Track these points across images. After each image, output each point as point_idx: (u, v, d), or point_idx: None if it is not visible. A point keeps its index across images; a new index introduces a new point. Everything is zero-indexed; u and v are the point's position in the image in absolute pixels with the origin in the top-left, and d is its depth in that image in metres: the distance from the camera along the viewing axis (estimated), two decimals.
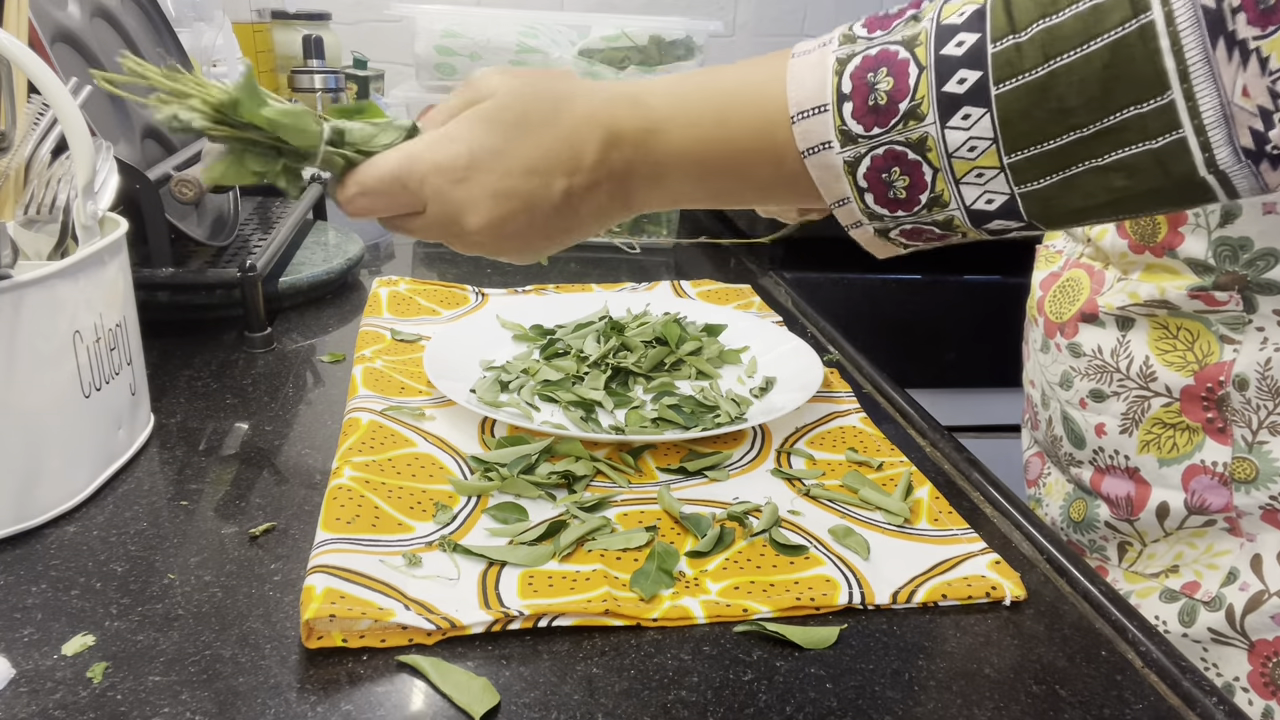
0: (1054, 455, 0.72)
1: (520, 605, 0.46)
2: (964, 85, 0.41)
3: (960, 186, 0.43)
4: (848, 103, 0.43)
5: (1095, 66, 0.38)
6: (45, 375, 0.51)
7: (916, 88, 0.42)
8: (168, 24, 0.98)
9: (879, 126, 0.43)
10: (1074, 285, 0.68)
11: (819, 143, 0.44)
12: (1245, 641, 0.58)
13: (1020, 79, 0.40)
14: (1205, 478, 0.59)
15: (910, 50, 0.42)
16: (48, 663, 0.42)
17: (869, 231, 0.46)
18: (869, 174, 0.44)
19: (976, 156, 0.41)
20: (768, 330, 0.82)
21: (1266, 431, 0.57)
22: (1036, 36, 0.39)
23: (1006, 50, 0.40)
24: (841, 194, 0.45)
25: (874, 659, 0.45)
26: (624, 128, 0.47)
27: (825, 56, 0.44)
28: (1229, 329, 0.58)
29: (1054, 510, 0.72)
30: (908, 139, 0.43)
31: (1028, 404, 0.77)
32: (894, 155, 0.43)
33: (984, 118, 0.41)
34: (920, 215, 0.44)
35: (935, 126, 0.42)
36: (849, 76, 0.43)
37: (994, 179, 0.42)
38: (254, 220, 0.99)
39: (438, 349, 0.72)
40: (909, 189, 0.44)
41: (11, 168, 0.60)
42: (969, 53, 0.40)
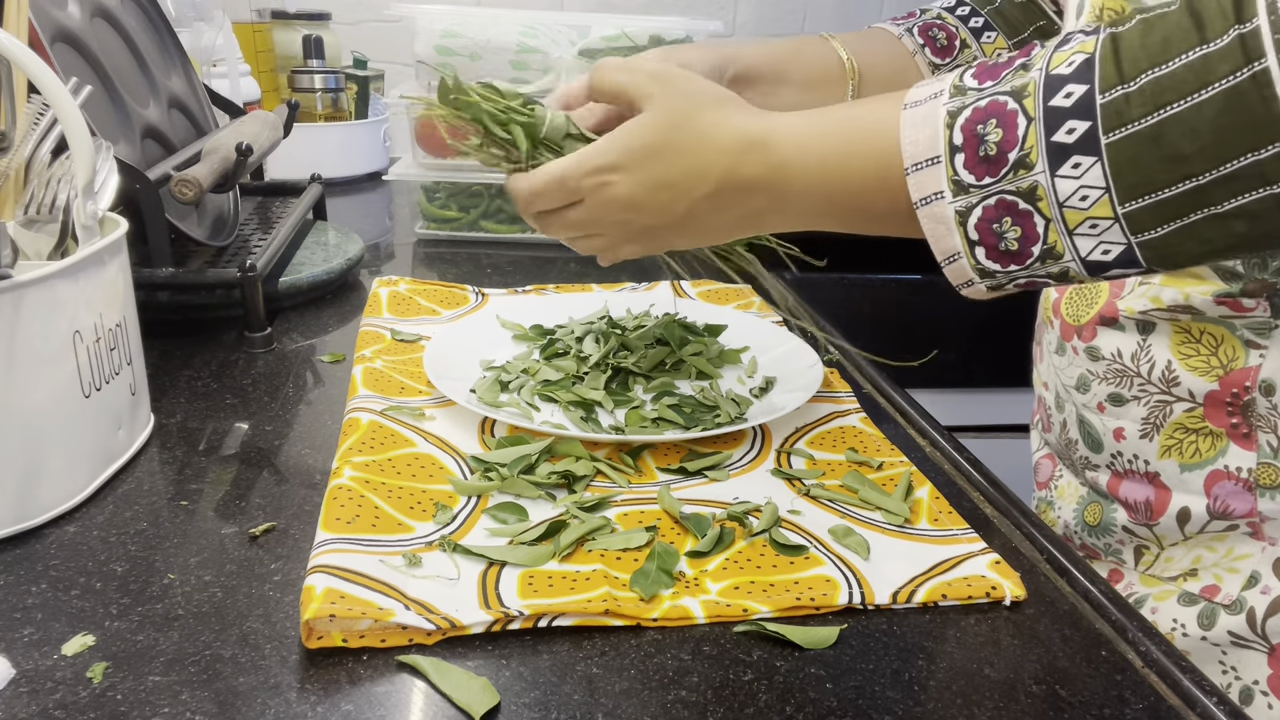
0: (1068, 458, 0.72)
1: (520, 605, 0.46)
2: (1073, 135, 0.41)
3: (1074, 238, 0.43)
4: (959, 154, 0.44)
5: (1207, 115, 0.38)
6: (45, 375, 0.51)
7: (1025, 138, 0.42)
8: (168, 24, 0.98)
9: (990, 176, 0.44)
10: (1093, 288, 0.66)
11: (932, 193, 0.45)
12: (1266, 645, 0.58)
13: (1130, 128, 0.40)
14: (1229, 483, 0.59)
15: (1019, 101, 0.43)
16: (48, 663, 0.42)
17: (982, 290, 0.47)
18: (980, 224, 0.45)
19: (1089, 206, 0.42)
20: (768, 330, 0.82)
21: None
22: (1146, 86, 0.39)
23: (1115, 100, 0.40)
24: (953, 249, 0.46)
25: (874, 659, 0.45)
26: (749, 169, 0.51)
27: (936, 109, 0.45)
28: (1255, 334, 0.57)
29: (1067, 513, 0.72)
30: (1018, 188, 0.43)
31: (1039, 406, 0.76)
32: (1005, 205, 0.44)
33: (1094, 166, 0.41)
34: (1034, 269, 0.45)
35: (1045, 175, 0.42)
36: (959, 129, 0.44)
37: (1109, 229, 0.42)
38: (254, 220, 0.99)
39: (438, 349, 0.72)
40: (1021, 240, 0.44)
41: (11, 168, 0.60)
42: (1077, 103, 0.41)
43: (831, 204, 0.51)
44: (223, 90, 1.20)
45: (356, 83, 1.48)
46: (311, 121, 1.43)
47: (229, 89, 1.26)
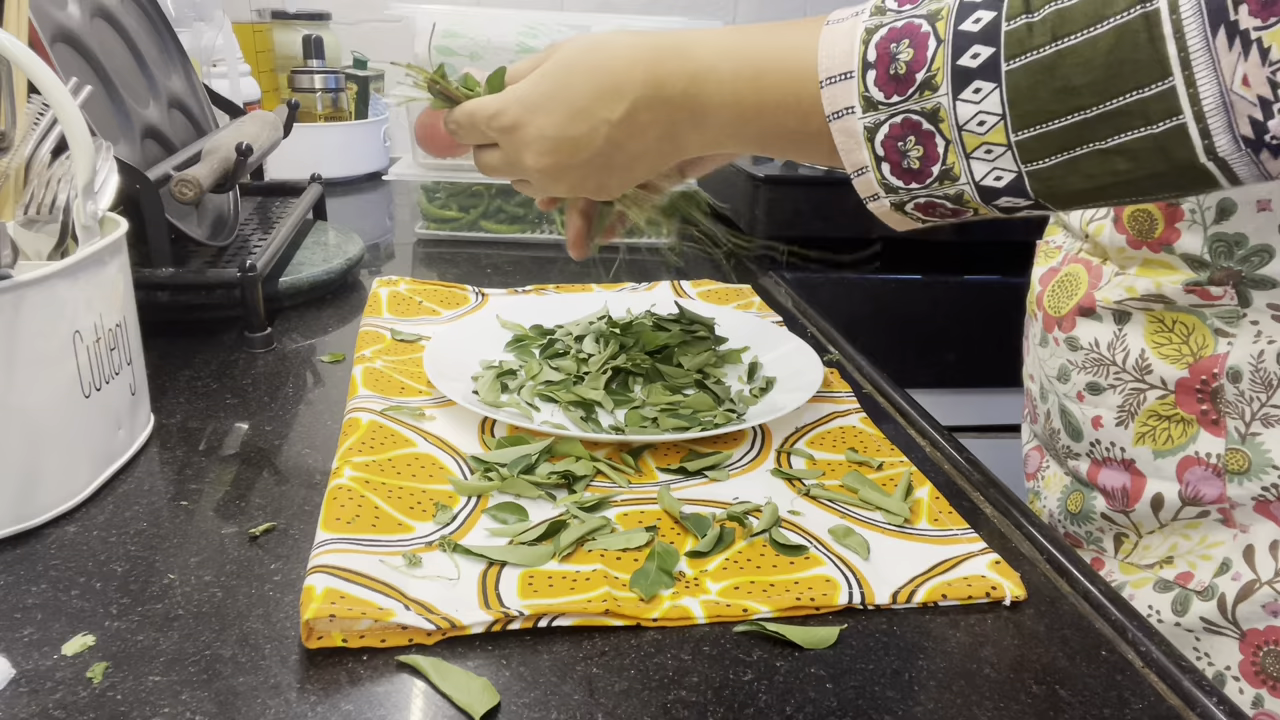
0: (1052, 448, 0.73)
1: (520, 605, 0.46)
2: (977, 60, 0.43)
3: (970, 161, 0.44)
4: (871, 70, 0.46)
5: (1100, 49, 0.39)
6: (45, 375, 0.51)
7: (933, 60, 0.44)
8: (168, 24, 0.98)
9: (898, 95, 0.45)
10: (1072, 280, 0.68)
11: (843, 107, 0.47)
12: (1236, 631, 0.58)
13: (1029, 56, 0.41)
14: (1199, 469, 0.60)
15: (932, 24, 0.44)
16: (48, 663, 0.42)
17: (885, 205, 0.48)
18: (886, 141, 0.46)
19: (986, 131, 0.43)
20: (768, 330, 0.82)
21: (1259, 423, 0.57)
22: (1048, 17, 0.41)
23: (1018, 29, 0.41)
24: (860, 162, 0.47)
25: (874, 659, 0.45)
26: (668, 75, 0.52)
27: (855, 26, 0.47)
28: (1223, 322, 0.58)
29: (1051, 503, 0.73)
30: (923, 109, 0.45)
31: (1027, 398, 0.77)
32: (910, 124, 0.45)
33: (994, 93, 0.42)
34: (933, 188, 0.46)
35: (948, 98, 0.44)
36: (874, 46, 0.46)
37: (1002, 156, 0.43)
38: (254, 220, 0.99)
39: (438, 349, 0.72)
40: (922, 159, 0.46)
41: (11, 168, 0.60)
42: (984, 29, 0.42)
43: (745, 119, 0.51)
44: (223, 90, 1.20)
45: (356, 83, 1.48)
46: (311, 121, 1.43)
47: (229, 89, 1.26)
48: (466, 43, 1.10)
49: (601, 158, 0.55)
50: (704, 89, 0.51)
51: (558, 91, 0.54)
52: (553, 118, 0.54)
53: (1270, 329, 0.57)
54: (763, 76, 0.50)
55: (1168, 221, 0.59)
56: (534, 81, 0.55)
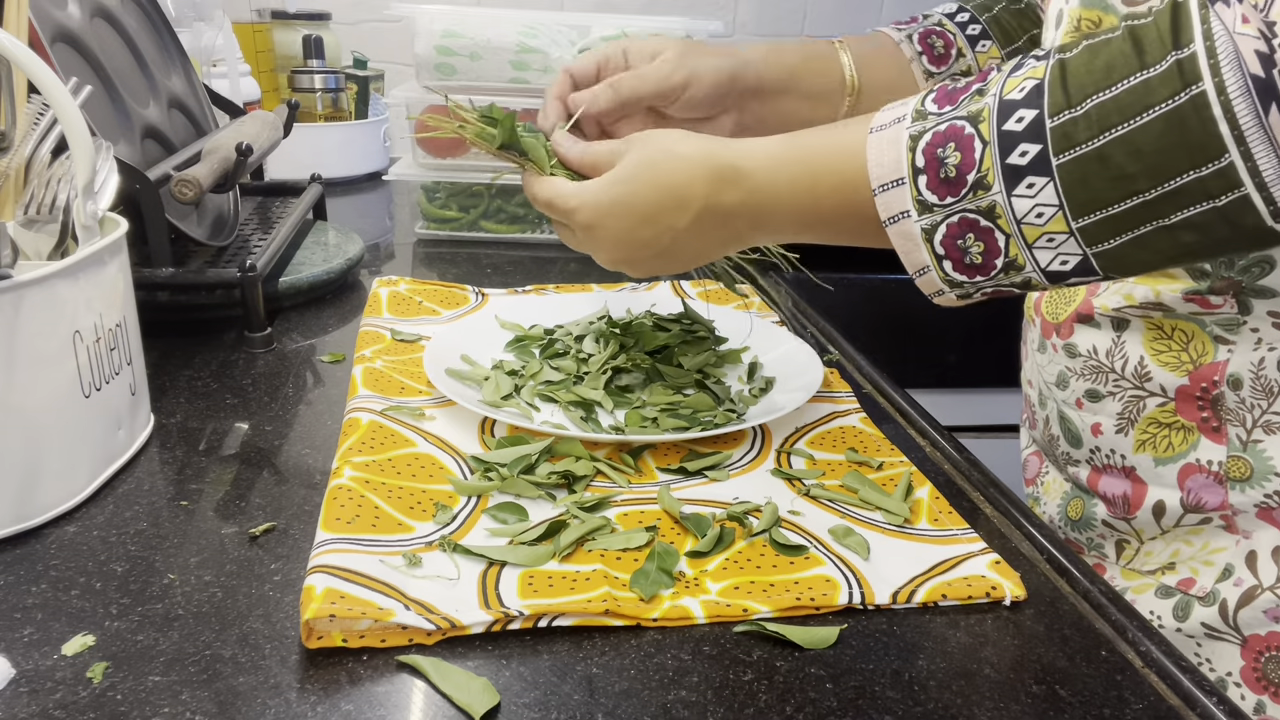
0: (1051, 454, 0.73)
1: (520, 605, 0.46)
2: (1026, 157, 0.44)
3: (1034, 251, 0.46)
4: (922, 176, 0.47)
5: (1151, 136, 0.41)
6: (45, 375, 0.51)
7: (982, 160, 0.45)
8: (168, 24, 0.98)
9: (951, 196, 0.47)
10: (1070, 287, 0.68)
11: (898, 212, 0.49)
12: (1238, 636, 0.58)
13: (1078, 150, 0.43)
14: (1201, 476, 0.60)
15: (975, 126, 0.46)
16: (48, 663, 0.42)
17: (951, 297, 0.50)
18: (945, 240, 0.48)
19: (1045, 222, 0.44)
20: (768, 330, 0.82)
21: (1261, 430, 0.57)
22: (1091, 111, 0.42)
23: (1064, 124, 0.43)
24: (921, 262, 0.49)
25: (874, 659, 0.45)
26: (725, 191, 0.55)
27: (900, 134, 0.48)
28: (1223, 330, 0.58)
29: (1051, 509, 0.73)
30: (978, 207, 0.46)
31: (1025, 403, 0.77)
32: (967, 222, 0.47)
33: (1047, 185, 0.44)
34: (998, 279, 0.48)
35: (1002, 195, 0.45)
36: (921, 152, 0.47)
37: (1065, 242, 0.45)
38: (254, 220, 0.99)
39: (438, 349, 0.72)
40: (984, 254, 0.47)
41: (11, 168, 0.60)
42: (1029, 127, 0.44)
43: (805, 223, 0.54)
44: (223, 90, 1.20)
45: (356, 83, 1.48)
46: (311, 121, 1.43)
47: (229, 89, 1.26)
48: (466, 43, 1.10)
49: (668, 253, 0.58)
50: (761, 201, 0.54)
51: (626, 199, 0.57)
52: (623, 223, 0.58)
53: (1271, 336, 0.56)
54: (817, 186, 0.52)
55: None
56: (605, 186, 0.58)
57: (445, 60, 1.10)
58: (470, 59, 1.10)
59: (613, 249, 0.60)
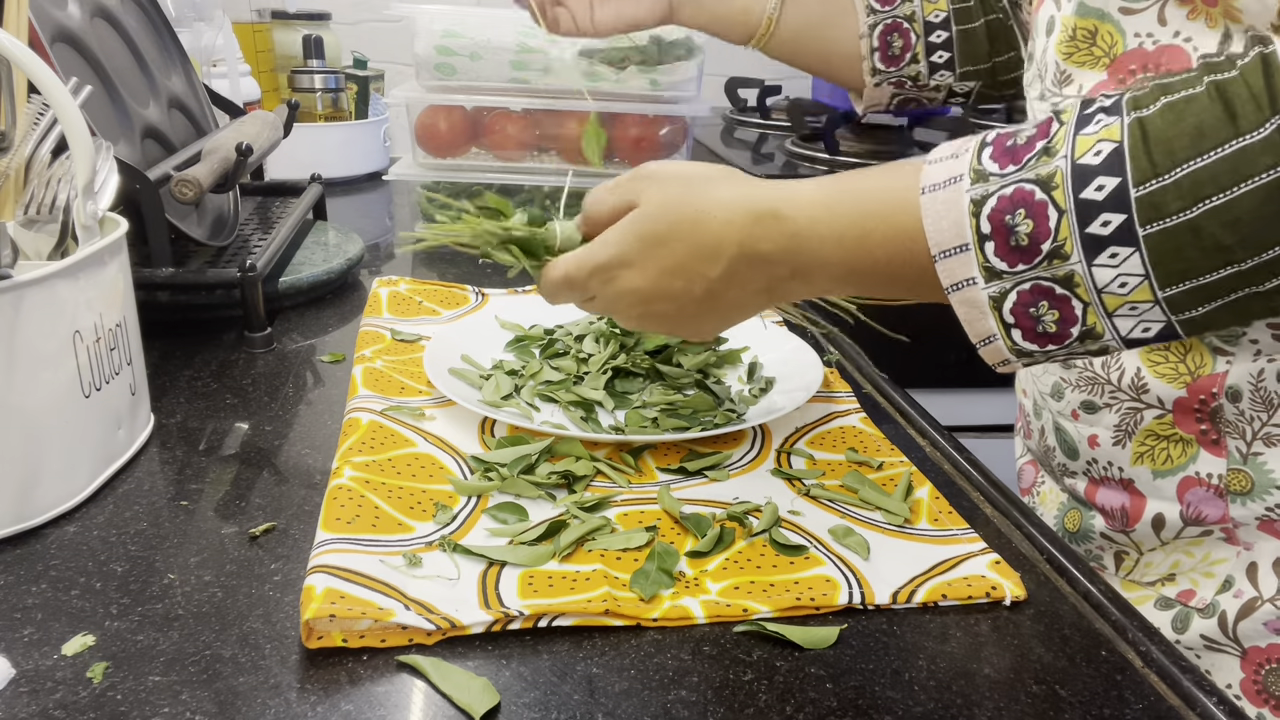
0: (1047, 465, 0.72)
1: (520, 605, 0.46)
2: (1108, 227, 0.41)
3: (1114, 319, 0.43)
4: (989, 242, 0.44)
5: (1248, 206, 0.38)
6: (45, 375, 0.51)
7: (1058, 230, 0.42)
8: (168, 24, 0.98)
9: (1024, 264, 0.43)
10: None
11: (963, 279, 0.45)
12: (1238, 649, 0.58)
13: (1168, 221, 0.40)
14: (1200, 489, 0.59)
15: (1047, 192, 0.42)
16: (48, 663, 0.42)
17: (1018, 367, 0.47)
18: (1016, 308, 0.44)
19: (1129, 292, 0.41)
20: (768, 330, 0.82)
21: (1261, 443, 0.56)
22: (1183, 180, 0.39)
23: (1152, 194, 0.40)
24: (987, 331, 0.45)
25: (874, 659, 0.45)
26: (765, 238, 0.49)
27: (959, 197, 0.44)
28: (1221, 340, 0.57)
29: (1049, 520, 0.72)
30: (1054, 275, 0.43)
31: (1020, 413, 0.77)
32: (1041, 290, 0.43)
33: (1133, 256, 0.41)
34: (1073, 347, 0.44)
35: (1081, 265, 0.42)
36: (986, 218, 0.43)
37: (1149, 310, 0.42)
38: (254, 220, 0.99)
39: (438, 349, 0.72)
40: (1059, 323, 0.44)
41: (11, 168, 0.60)
42: (1111, 196, 0.40)
43: (856, 275, 0.49)
44: (223, 90, 1.20)
45: (356, 83, 1.48)
46: (311, 121, 1.43)
47: (229, 89, 1.26)
48: (466, 43, 1.10)
49: (697, 305, 0.53)
50: (804, 247, 0.49)
51: (651, 250, 0.51)
52: (646, 274, 0.52)
53: (1270, 348, 0.55)
54: (869, 236, 0.47)
55: None
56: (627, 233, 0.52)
57: (445, 60, 1.10)
58: (470, 59, 1.10)
59: (635, 302, 0.53)
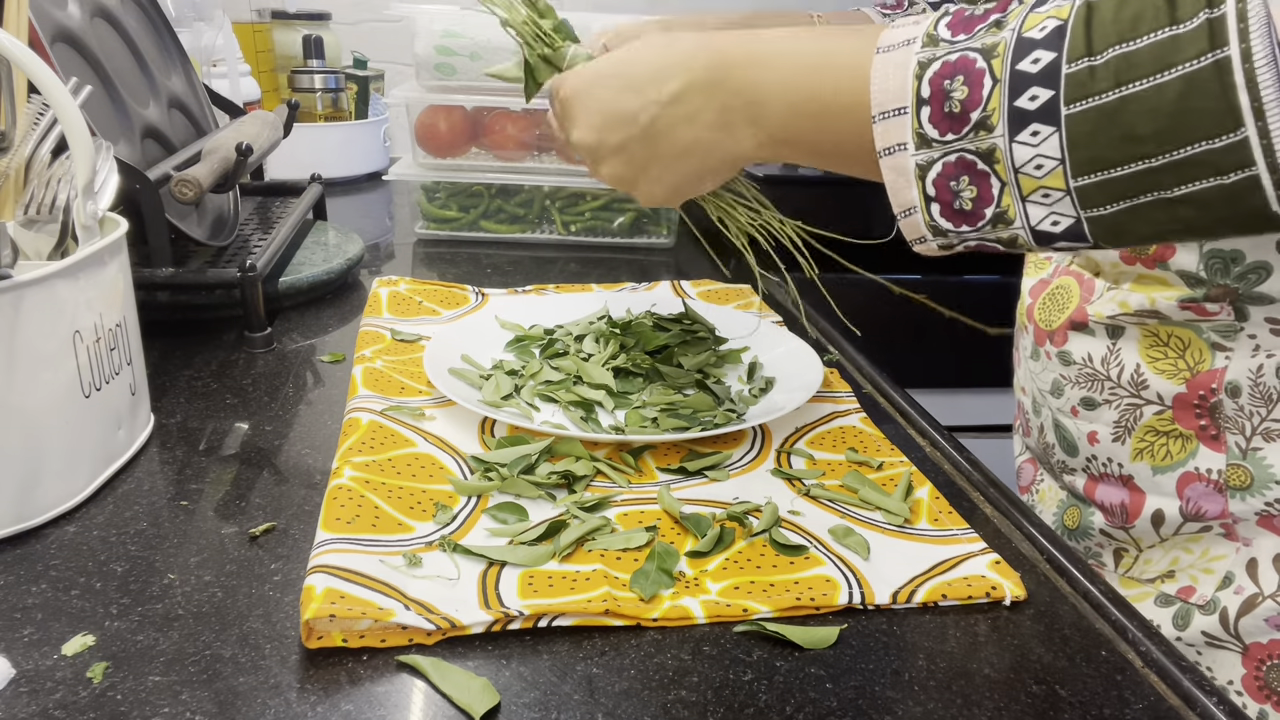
0: (1046, 462, 0.72)
1: (520, 605, 0.46)
2: (1035, 102, 0.41)
3: (1026, 205, 0.43)
4: (925, 107, 0.44)
5: (1168, 97, 0.38)
6: (45, 375, 0.51)
7: (989, 99, 0.42)
8: (168, 24, 0.98)
9: (952, 133, 0.44)
10: (1064, 293, 0.67)
11: (895, 143, 0.45)
12: (1239, 645, 0.58)
13: (1090, 101, 0.40)
14: (1200, 485, 0.59)
15: (988, 60, 0.43)
16: (48, 663, 0.42)
17: (932, 247, 0.47)
18: (938, 180, 0.44)
19: (1043, 176, 0.42)
20: (768, 330, 0.82)
21: (1260, 438, 0.57)
22: (1111, 61, 0.39)
23: (1080, 72, 0.40)
24: (909, 202, 0.46)
25: (874, 659, 0.45)
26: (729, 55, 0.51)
27: (908, 58, 0.45)
28: (1220, 336, 0.57)
29: (1048, 517, 0.72)
30: (978, 148, 0.43)
31: (1019, 410, 0.77)
32: (964, 163, 0.44)
33: (1052, 136, 0.41)
34: (984, 231, 0.45)
35: (1004, 139, 0.42)
36: (928, 81, 0.44)
37: (1060, 200, 0.42)
38: (254, 220, 0.99)
39: (438, 349, 0.72)
40: (975, 201, 0.44)
41: (11, 168, 0.60)
42: (1044, 70, 0.41)
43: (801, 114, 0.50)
44: (223, 90, 1.20)
45: (356, 83, 1.48)
46: (311, 121, 1.43)
47: (229, 89, 1.26)
48: (466, 43, 1.10)
49: (646, 141, 0.53)
50: (762, 76, 0.50)
51: (618, 66, 0.54)
52: (606, 91, 0.54)
53: (1269, 343, 0.56)
54: (822, 75, 0.48)
55: None
56: (602, 60, 0.55)
57: (445, 60, 1.10)
58: (470, 59, 1.10)
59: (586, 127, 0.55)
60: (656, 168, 0.55)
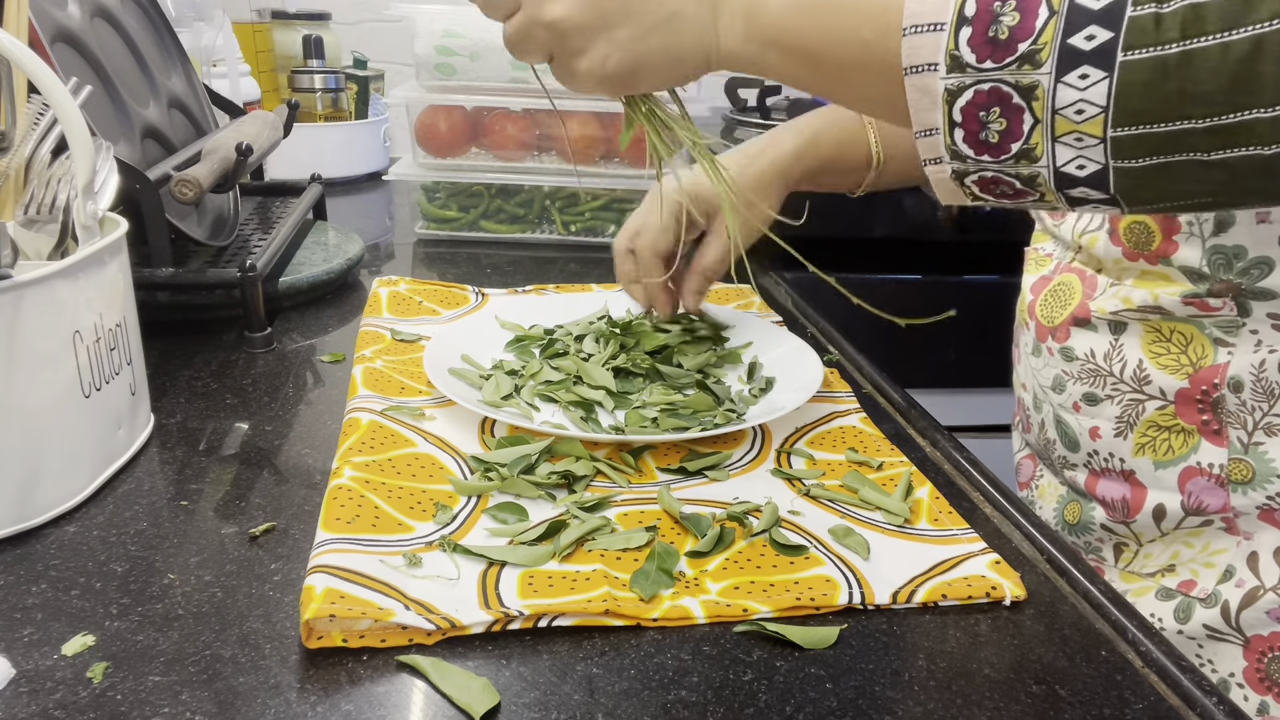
0: (1047, 458, 0.72)
1: (520, 605, 0.46)
2: (1091, 42, 0.39)
3: (1056, 145, 0.41)
4: (966, 27, 0.41)
5: (1233, 57, 0.36)
6: (45, 375, 0.51)
7: (1042, 32, 0.39)
8: (168, 24, 0.98)
9: (992, 61, 0.41)
10: (1065, 289, 0.67)
11: (925, 63, 0.42)
12: (1240, 637, 0.58)
13: (1150, 51, 0.38)
14: (1202, 479, 0.59)
15: None
16: (48, 663, 0.42)
17: (945, 171, 0.44)
18: (967, 108, 0.42)
19: (1082, 121, 0.40)
20: (768, 330, 0.82)
21: (1262, 433, 0.57)
22: (1180, 10, 0.37)
23: (1145, 17, 0.38)
24: (931, 123, 0.43)
25: (874, 659, 0.45)
26: None
27: None
28: (1223, 332, 0.57)
29: (1048, 513, 0.72)
30: (1018, 82, 0.40)
31: (1019, 407, 0.77)
32: (999, 95, 0.41)
33: (1102, 82, 0.39)
34: (1006, 165, 0.42)
35: (1049, 78, 0.40)
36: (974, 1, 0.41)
37: (1092, 147, 0.40)
38: (254, 220, 0.99)
39: (438, 349, 0.72)
40: (1003, 134, 0.42)
41: (11, 168, 0.60)
42: (1106, 8, 0.38)
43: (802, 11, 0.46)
44: (223, 90, 1.20)
45: (356, 83, 1.48)
46: (311, 121, 1.43)
47: (229, 89, 1.26)
48: (466, 43, 1.10)
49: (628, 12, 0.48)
50: None
51: None
52: None
53: (1271, 338, 0.56)
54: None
55: (1165, 234, 0.58)
56: None
57: (445, 60, 1.10)
58: (470, 59, 1.10)
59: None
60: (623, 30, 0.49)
